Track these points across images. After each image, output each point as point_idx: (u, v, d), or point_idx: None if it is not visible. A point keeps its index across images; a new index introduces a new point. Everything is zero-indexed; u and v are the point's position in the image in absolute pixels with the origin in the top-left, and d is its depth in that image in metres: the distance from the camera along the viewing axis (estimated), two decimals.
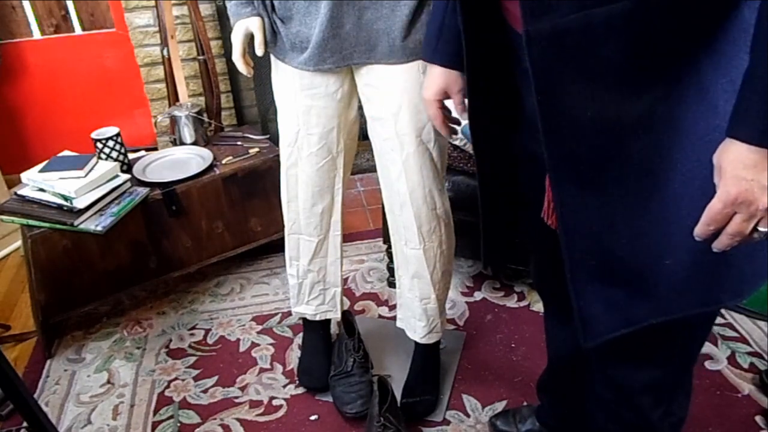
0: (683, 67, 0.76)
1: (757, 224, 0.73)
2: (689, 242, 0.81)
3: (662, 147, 0.80)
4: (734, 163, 0.71)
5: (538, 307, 1.94)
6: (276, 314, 2.01)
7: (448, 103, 1.20)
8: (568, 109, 0.81)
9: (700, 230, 0.77)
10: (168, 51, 2.30)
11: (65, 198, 1.76)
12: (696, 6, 0.73)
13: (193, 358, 1.85)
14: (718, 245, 0.77)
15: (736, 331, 1.82)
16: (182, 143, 2.17)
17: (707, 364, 1.71)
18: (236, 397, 1.71)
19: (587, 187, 0.86)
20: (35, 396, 1.73)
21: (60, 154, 1.91)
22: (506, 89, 1.03)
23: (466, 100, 1.10)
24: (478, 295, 2.04)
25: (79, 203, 1.75)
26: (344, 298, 1.84)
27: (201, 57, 2.38)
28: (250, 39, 1.38)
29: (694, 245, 0.81)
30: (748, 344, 1.77)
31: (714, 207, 0.74)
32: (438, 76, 1.13)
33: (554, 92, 0.81)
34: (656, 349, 1.00)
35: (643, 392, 1.07)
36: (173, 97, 2.38)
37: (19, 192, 1.83)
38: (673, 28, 0.74)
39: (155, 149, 2.55)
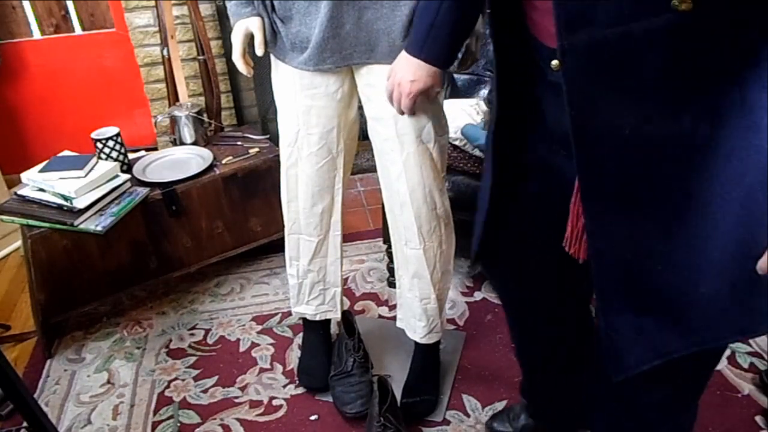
0: (725, 84, 0.73)
1: None
2: (727, 270, 0.78)
3: (701, 167, 0.77)
4: None
5: None
6: (276, 314, 2.01)
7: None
8: (604, 125, 0.78)
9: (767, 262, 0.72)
10: (168, 51, 2.30)
11: (65, 198, 1.76)
12: (740, 21, 0.70)
13: (193, 358, 1.85)
14: None
15: None
16: (182, 143, 2.17)
17: None
18: (236, 397, 1.71)
19: (621, 208, 0.83)
20: (35, 396, 1.72)
21: (60, 154, 1.90)
22: (523, 100, 1.01)
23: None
24: (478, 295, 2.04)
25: (79, 203, 1.75)
26: (344, 298, 1.84)
27: (201, 57, 2.37)
28: (250, 39, 1.38)
29: (732, 273, 0.78)
30: (748, 344, 1.77)
31: None
32: (428, 75, 1.14)
33: (589, 108, 0.78)
34: (674, 369, 0.96)
35: (653, 408, 1.05)
36: (173, 97, 2.37)
37: (19, 192, 1.83)
38: (716, 42, 0.71)
39: (155, 149, 2.55)
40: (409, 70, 1.15)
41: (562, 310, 1.27)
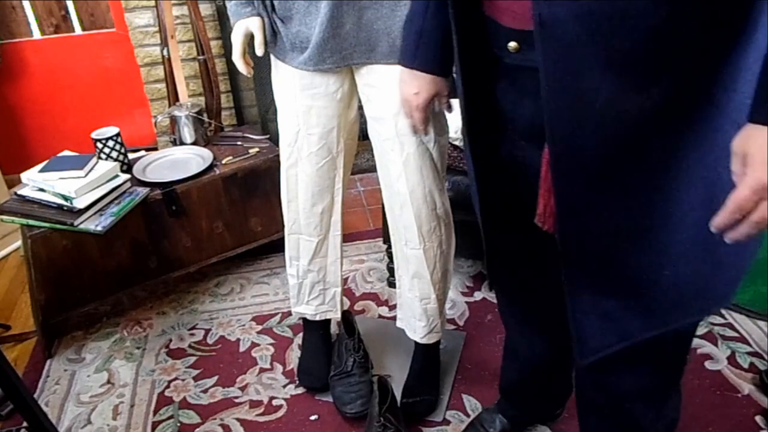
0: (695, 62, 0.73)
1: None
2: (689, 251, 0.79)
3: (670, 147, 0.77)
4: (764, 147, 0.68)
5: None
6: (276, 314, 2.01)
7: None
8: (577, 98, 0.78)
9: (724, 219, 0.72)
10: (168, 51, 2.30)
11: (65, 198, 1.76)
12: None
13: (193, 358, 1.85)
14: (735, 235, 0.73)
15: (736, 331, 1.82)
16: (182, 143, 2.17)
17: (707, 364, 1.71)
18: (236, 397, 1.71)
19: (590, 184, 0.83)
20: (35, 396, 1.72)
21: (60, 154, 1.91)
22: (483, 90, 0.99)
23: (455, 106, 1.10)
24: (478, 295, 2.04)
25: (79, 203, 1.75)
26: (344, 298, 1.84)
27: (201, 57, 2.38)
28: (250, 39, 1.38)
29: (694, 254, 0.79)
30: (748, 344, 1.77)
31: (741, 194, 0.70)
32: (429, 83, 1.12)
33: (564, 80, 0.77)
34: (646, 355, 0.99)
35: (634, 397, 1.06)
36: (173, 97, 2.38)
37: (19, 192, 1.83)
38: (689, 18, 0.71)
39: (155, 149, 2.54)
40: (411, 83, 1.13)
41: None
